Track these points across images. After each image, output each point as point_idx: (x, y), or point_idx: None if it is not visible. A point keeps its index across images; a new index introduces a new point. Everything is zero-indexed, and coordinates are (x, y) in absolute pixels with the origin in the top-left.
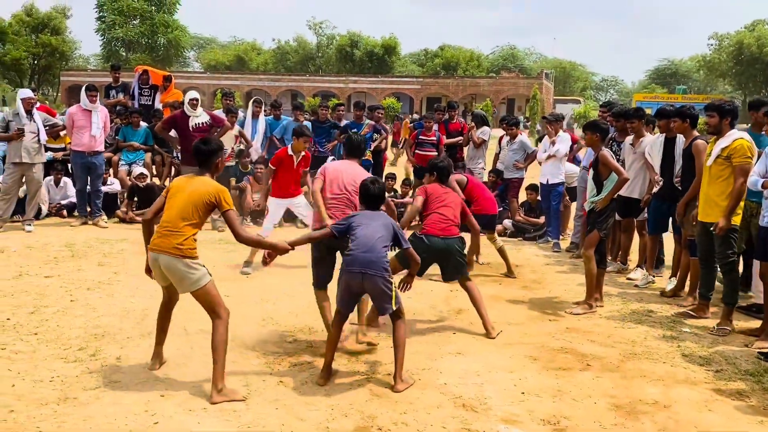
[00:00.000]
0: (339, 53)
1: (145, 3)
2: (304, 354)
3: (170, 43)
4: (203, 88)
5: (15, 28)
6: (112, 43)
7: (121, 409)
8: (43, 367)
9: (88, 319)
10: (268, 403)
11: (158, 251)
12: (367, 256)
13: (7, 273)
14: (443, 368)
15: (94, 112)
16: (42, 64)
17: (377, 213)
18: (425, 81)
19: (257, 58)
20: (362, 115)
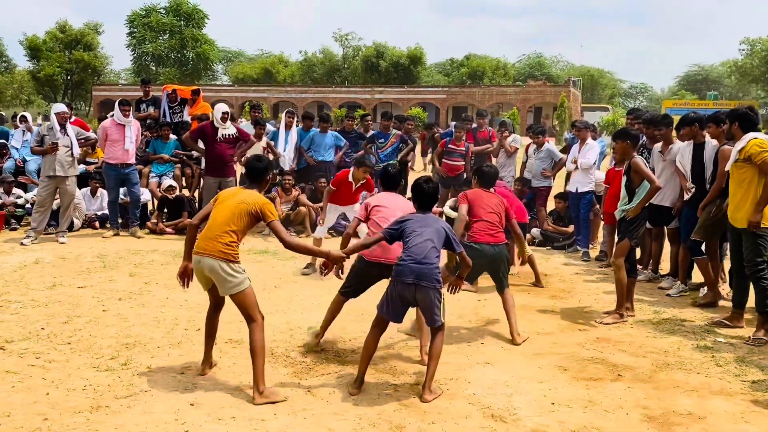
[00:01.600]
0: (365, 64)
1: (175, 18)
2: (332, 364)
3: (199, 56)
4: (231, 100)
5: (49, 45)
6: (142, 58)
7: (151, 417)
8: (76, 375)
9: (119, 329)
10: (296, 413)
11: (203, 254)
12: (421, 268)
13: (41, 283)
14: (472, 378)
15: (127, 126)
16: (75, 79)
17: (429, 217)
18: (451, 90)
19: (284, 71)
20: (390, 125)
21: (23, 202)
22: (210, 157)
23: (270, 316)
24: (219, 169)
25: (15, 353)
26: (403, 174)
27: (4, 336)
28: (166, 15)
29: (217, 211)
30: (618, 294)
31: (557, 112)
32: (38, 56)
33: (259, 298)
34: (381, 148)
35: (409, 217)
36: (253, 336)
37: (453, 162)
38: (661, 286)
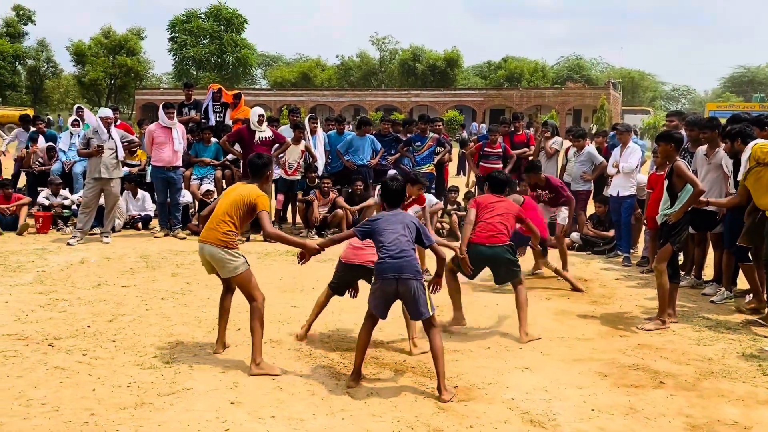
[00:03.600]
0: (401, 67)
1: (215, 23)
2: (370, 365)
3: (238, 61)
4: (270, 104)
5: (94, 50)
6: (183, 62)
7: (193, 415)
8: (121, 372)
9: (162, 328)
10: (334, 414)
11: (204, 242)
12: (398, 262)
13: (87, 283)
14: (510, 383)
15: (173, 129)
16: (118, 83)
17: (398, 213)
18: (488, 93)
19: (321, 74)
20: (427, 128)
21: (70, 204)
22: (247, 160)
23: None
24: None
25: (63, 350)
26: (441, 175)
27: (53, 333)
28: (207, 20)
29: (219, 204)
30: (660, 300)
31: (596, 115)
32: (83, 61)
33: (296, 299)
34: (417, 151)
35: (379, 216)
36: (253, 314)
37: (490, 164)
38: (704, 292)
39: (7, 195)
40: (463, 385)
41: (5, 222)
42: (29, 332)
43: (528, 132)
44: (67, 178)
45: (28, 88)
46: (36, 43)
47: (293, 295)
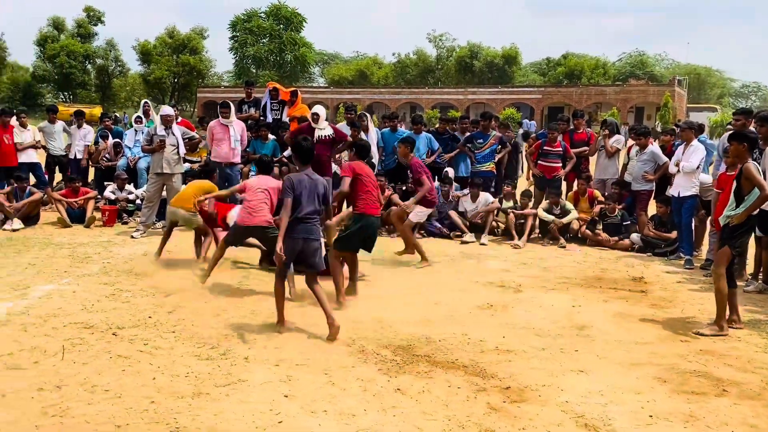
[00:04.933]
0: (458, 65)
1: (274, 22)
2: (421, 363)
3: (297, 59)
4: (327, 102)
5: (159, 50)
6: (243, 61)
7: (248, 407)
8: (179, 363)
9: (219, 320)
10: (386, 410)
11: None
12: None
13: (149, 274)
14: (565, 386)
15: (230, 127)
16: (181, 82)
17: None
18: (547, 90)
19: (378, 72)
20: (489, 126)
21: (134, 198)
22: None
23: (359, 313)
24: (316, 168)
25: (126, 339)
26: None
27: (117, 322)
28: (267, 19)
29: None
30: (718, 305)
31: (660, 113)
32: (149, 60)
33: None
34: (478, 149)
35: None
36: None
37: (549, 163)
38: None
39: (75, 189)
40: (516, 386)
41: (74, 215)
42: (95, 321)
43: (588, 130)
44: (132, 174)
45: (97, 87)
46: (105, 43)
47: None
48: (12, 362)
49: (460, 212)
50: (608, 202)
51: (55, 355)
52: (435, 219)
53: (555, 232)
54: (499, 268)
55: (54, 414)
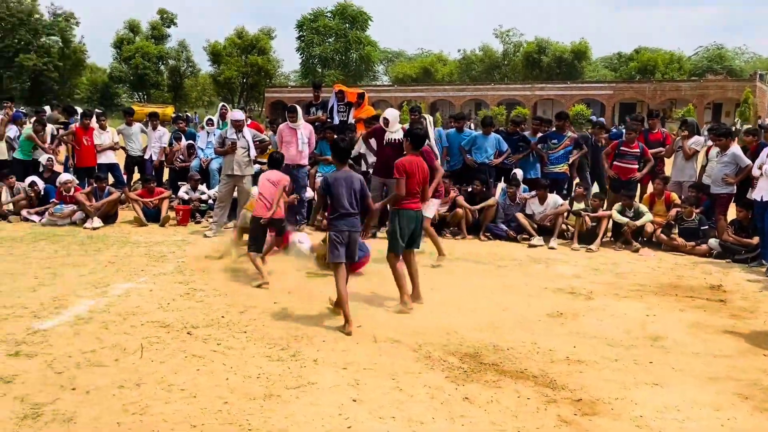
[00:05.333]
0: (525, 60)
1: (341, 21)
2: (489, 372)
3: (362, 58)
4: (391, 100)
5: (228, 50)
6: (309, 61)
7: (318, 410)
8: (251, 363)
9: (289, 322)
10: (454, 419)
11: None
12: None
13: (221, 275)
14: (638, 399)
15: (298, 130)
16: (250, 82)
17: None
18: (618, 86)
19: (443, 69)
20: (565, 126)
21: (206, 198)
22: (378, 159)
23: (425, 318)
24: (384, 170)
25: (200, 338)
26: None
27: (191, 322)
28: (333, 18)
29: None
30: None
31: (740, 109)
32: (219, 61)
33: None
34: (552, 149)
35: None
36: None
37: (625, 164)
38: None
39: (150, 189)
40: (588, 398)
41: (149, 214)
42: (170, 320)
43: (664, 130)
44: (204, 174)
45: (170, 87)
46: (177, 45)
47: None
48: (95, 359)
49: (527, 215)
50: (685, 206)
51: (134, 353)
52: (501, 221)
53: (628, 235)
54: (569, 273)
55: (134, 412)
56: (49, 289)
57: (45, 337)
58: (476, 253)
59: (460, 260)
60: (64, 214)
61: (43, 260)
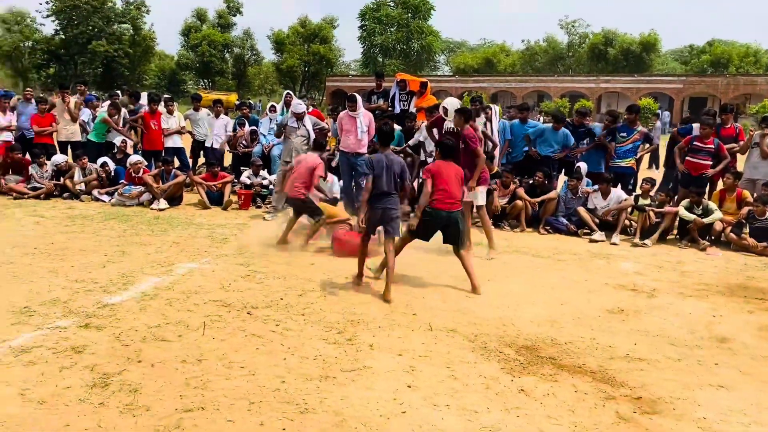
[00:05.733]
0: (591, 52)
1: (403, 10)
2: (546, 365)
3: (423, 48)
4: (451, 91)
5: (291, 39)
6: (371, 50)
7: (372, 394)
8: (308, 345)
9: (345, 306)
10: (509, 410)
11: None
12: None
13: (280, 258)
14: (702, 401)
15: (357, 118)
16: (311, 70)
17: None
18: (689, 80)
19: (505, 60)
20: (635, 119)
21: (268, 183)
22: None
23: (482, 309)
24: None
25: (259, 319)
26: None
27: (251, 302)
28: (395, 8)
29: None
30: None
31: None
32: (282, 49)
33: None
34: (620, 143)
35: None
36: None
37: (698, 160)
38: None
39: (214, 173)
40: (648, 397)
41: (213, 197)
42: (231, 300)
43: (737, 126)
44: (266, 160)
45: (234, 74)
46: (242, 33)
47: (469, 285)
48: (159, 334)
49: (589, 209)
50: (757, 204)
51: (196, 329)
52: (562, 215)
53: (695, 233)
54: (631, 270)
55: (196, 386)
56: (118, 265)
57: (113, 311)
58: (535, 247)
59: (519, 253)
60: (133, 194)
61: (112, 238)
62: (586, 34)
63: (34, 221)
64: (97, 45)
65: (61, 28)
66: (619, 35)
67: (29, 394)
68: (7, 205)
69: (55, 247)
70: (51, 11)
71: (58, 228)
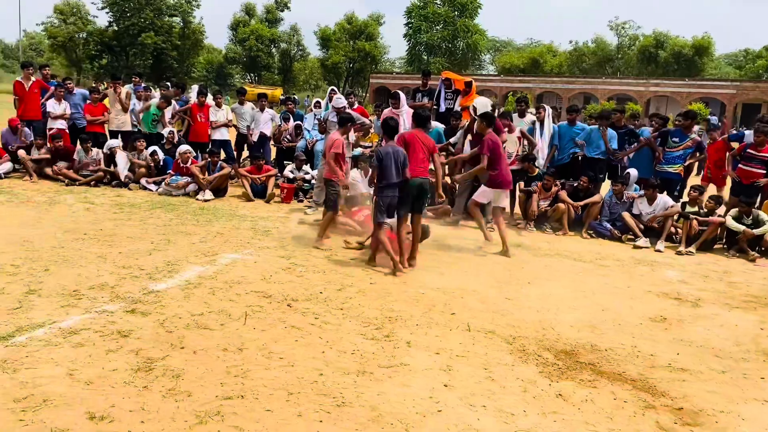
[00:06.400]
0: (641, 54)
1: (450, 8)
2: (585, 371)
3: (468, 46)
4: (495, 90)
5: (337, 35)
6: (416, 48)
7: (409, 391)
8: (346, 339)
9: (383, 302)
10: (546, 414)
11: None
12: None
13: (320, 252)
14: (747, 415)
15: (401, 115)
16: (356, 67)
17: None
18: (743, 85)
19: (552, 61)
20: (691, 125)
21: (310, 178)
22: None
23: (521, 312)
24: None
25: (299, 311)
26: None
27: (292, 295)
28: (442, 5)
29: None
30: None
31: None
32: (328, 45)
33: (510, 293)
34: (671, 148)
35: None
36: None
37: (750, 168)
38: None
39: (259, 166)
40: (690, 408)
41: (256, 190)
42: (272, 292)
43: None
44: (309, 155)
45: (279, 69)
46: (289, 28)
47: (508, 287)
48: (202, 322)
49: (634, 214)
50: None
51: (238, 319)
52: (606, 219)
53: (744, 243)
54: (675, 278)
55: (236, 374)
56: (163, 253)
57: (158, 297)
58: (577, 251)
59: (560, 256)
60: (179, 185)
61: (158, 227)
62: (637, 36)
63: (85, 207)
64: (147, 37)
65: (114, 20)
66: (671, 38)
67: (77, 374)
68: (60, 191)
69: (104, 234)
70: (105, 3)
71: (107, 215)
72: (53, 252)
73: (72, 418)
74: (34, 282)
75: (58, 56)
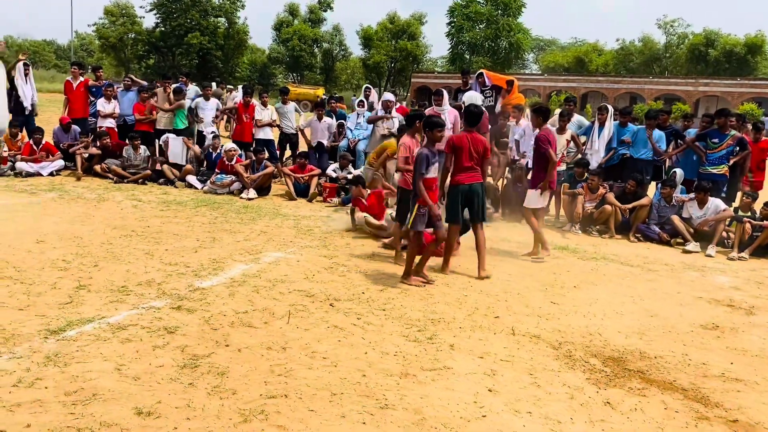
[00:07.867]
0: (690, 53)
1: (492, 7)
2: (634, 379)
3: (511, 45)
4: (539, 90)
5: (379, 35)
6: (458, 47)
7: (453, 395)
8: (389, 341)
9: (426, 304)
10: (594, 422)
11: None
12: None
13: (362, 251)
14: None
15: (443, 114)
16: (397, 66)
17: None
18: None
19: (597, 60)
20: (727, 123)
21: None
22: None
23: (567, 316)
24: None
25: (341, 311)
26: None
27: (334, 294)
28: (485, 4)
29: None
30: None
31: None
32: (370, 45)
33: (556, 297)
34: (712, 149)
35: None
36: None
37: None
38: None
39: (302, 165)
40: (745, 420)
41: (299, 189)
42: (315, 291)
43: None
44: (352, 154)
45: (322, 69)
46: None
47: (553, 291)
48: (246, 320)
49: (684, 218)
50: None
51: (281, 318)
52: (654, 223)
53: None
54: (728, 284)
55: (280, 373)
56: (209, 251)
57: (204, 294)
58: (625, 255)
59: (607, 260)
60: (224, 183)
61: (204, 225)
62: (686, 34)
63: (132, 204)
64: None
65: (161, 21)
66: (722, 36)
67: (125, 369)
68: (109, 188)
69: (151, 231)
70: (153, 5)
71: (153, 212)
72: (102, 248)
73: (120, 412)
74: (84, 277)
75: (108, 56)
